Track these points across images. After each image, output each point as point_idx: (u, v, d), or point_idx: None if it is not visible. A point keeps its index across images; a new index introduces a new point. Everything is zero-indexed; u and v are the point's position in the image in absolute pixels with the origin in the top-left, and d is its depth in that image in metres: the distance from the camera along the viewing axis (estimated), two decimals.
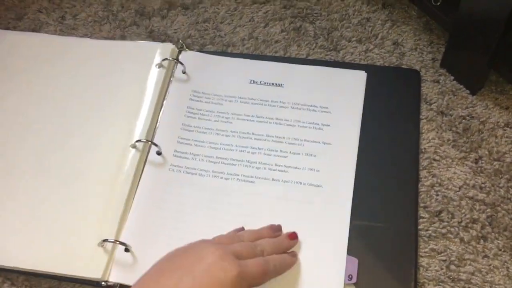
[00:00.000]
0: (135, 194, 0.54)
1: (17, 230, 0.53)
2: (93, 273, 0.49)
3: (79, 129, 0.59)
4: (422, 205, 0.53)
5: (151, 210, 0.53)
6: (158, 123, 0.59)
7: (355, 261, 0.49)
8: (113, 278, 0.50)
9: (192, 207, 0.53)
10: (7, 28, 0.69)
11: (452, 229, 0.51)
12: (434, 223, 0.52)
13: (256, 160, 0.55)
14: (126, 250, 0.51)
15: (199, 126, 0.58)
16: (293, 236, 0.49)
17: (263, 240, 0.47)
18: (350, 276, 0.48)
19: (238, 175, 0.55)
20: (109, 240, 0.50)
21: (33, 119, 0.60)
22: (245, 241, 0.46)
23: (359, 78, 0.60)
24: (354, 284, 0.48)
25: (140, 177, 0.55)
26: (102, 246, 0.50)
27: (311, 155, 0.55)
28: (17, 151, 0.58)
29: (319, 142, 0.56)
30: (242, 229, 0.50)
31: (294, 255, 0.49)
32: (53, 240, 0.52)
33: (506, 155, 0.55)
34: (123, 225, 0.52)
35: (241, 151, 0.56)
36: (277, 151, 0.56)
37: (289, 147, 0.56)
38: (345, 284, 0.48)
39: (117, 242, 0.50)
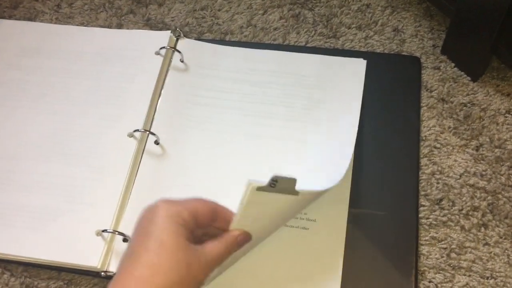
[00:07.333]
0: (133, 184, 0.54)
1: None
2: (91, 262, 0.49)
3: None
4: (422, 193, 0.52)
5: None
6: (156, 112, 0.58)
7: None
8: (113, 268, 0.49)
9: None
10: (2, 17, 0.68)
11: (452, 217, 0.51)
12: (434, 211, 0.52)
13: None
14: (125, 240, 0.50)
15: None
16: None
17: None
18: None
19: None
20: (108, 230, 0.50)
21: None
22: None
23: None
24: None
25: (139, 166, 0.55)
26: (101, 236, 0.50)
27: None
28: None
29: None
30: None
31: None
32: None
33: (507, 142, 0.54)
34: (121, 215, 0.52)
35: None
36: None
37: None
38: None
39: (116, 233, 0.50)
